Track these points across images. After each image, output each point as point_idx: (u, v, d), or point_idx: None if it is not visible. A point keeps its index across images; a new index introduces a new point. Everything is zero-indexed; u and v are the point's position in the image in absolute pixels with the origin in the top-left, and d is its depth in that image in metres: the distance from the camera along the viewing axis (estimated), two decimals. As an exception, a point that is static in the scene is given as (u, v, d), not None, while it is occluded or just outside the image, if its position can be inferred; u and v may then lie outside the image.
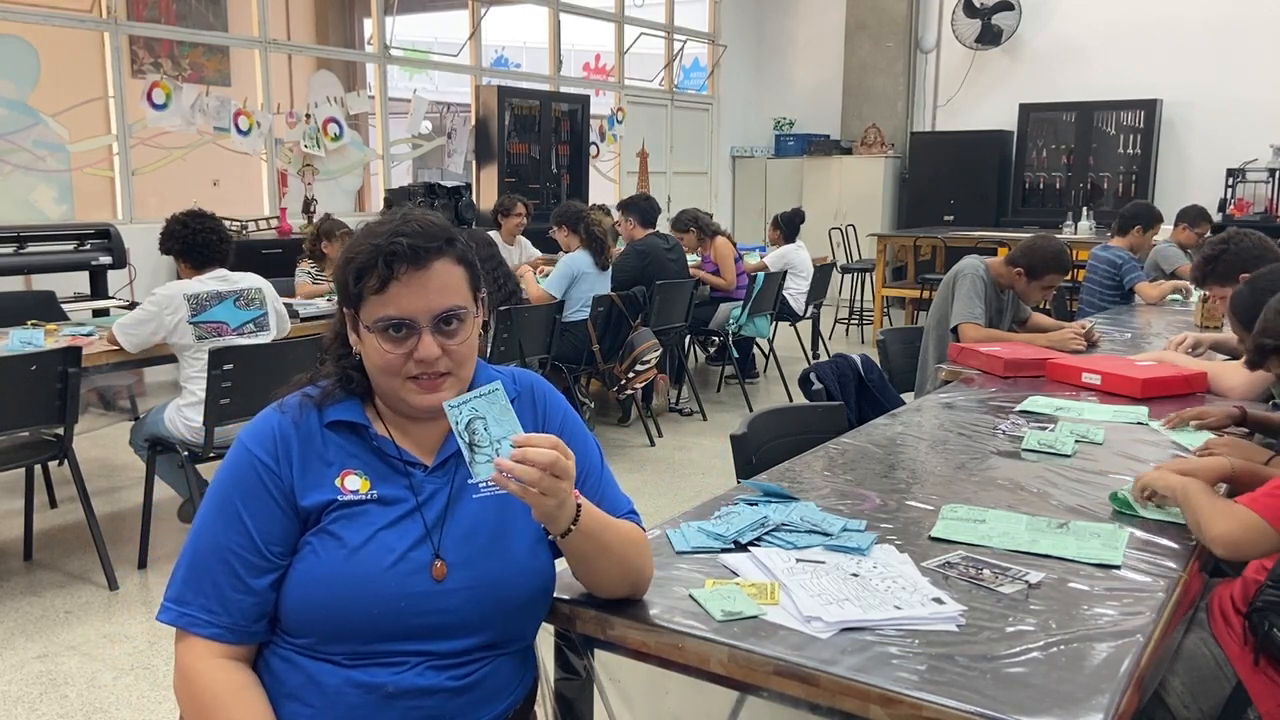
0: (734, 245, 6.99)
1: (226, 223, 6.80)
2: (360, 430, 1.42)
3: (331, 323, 1.49)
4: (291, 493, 1.37)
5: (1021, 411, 2.76)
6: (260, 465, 1.37)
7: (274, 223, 7.41)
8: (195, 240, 3.60)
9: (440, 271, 1.37)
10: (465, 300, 1.39)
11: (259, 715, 1.32)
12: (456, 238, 1.41)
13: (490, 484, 1.31)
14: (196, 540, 1.37)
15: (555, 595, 1.52)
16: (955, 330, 3.78)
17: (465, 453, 1.27)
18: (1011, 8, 10.20)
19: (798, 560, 1.63)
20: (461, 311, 1.38)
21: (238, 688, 1.33)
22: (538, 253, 6.89)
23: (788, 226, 7.38)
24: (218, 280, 3.64)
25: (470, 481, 1.42)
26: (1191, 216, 6.17)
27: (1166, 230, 6.38)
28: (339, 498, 1.37)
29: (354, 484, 1.39)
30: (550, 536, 1.42)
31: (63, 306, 4.93)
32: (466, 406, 1.28)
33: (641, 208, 6.13)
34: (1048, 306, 6.07)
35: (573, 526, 1.34)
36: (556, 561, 1.59)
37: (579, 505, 1.35)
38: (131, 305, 5.77)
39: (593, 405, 5.86)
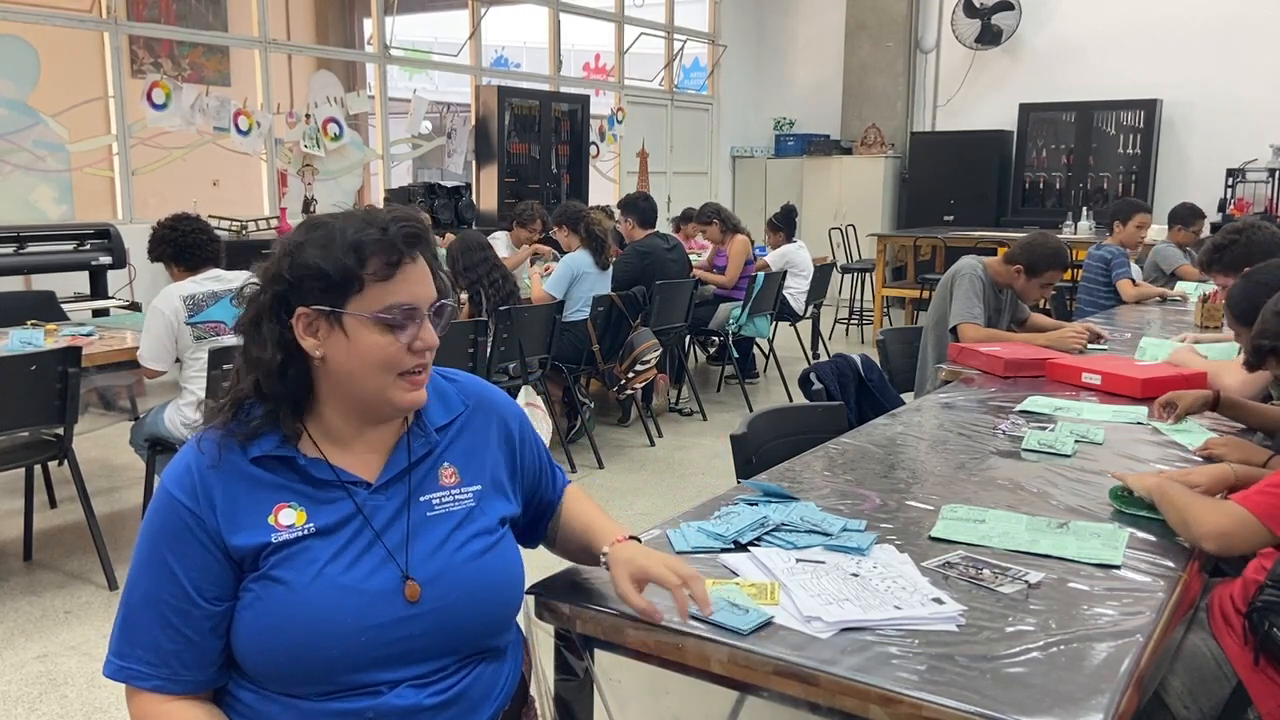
0: (752, 246, 7.00)
1: (226, 223, 6.88)
2: (289, 461, 1.33)
3: (242, 348, 1.35)
4: (219, 534, 1.29)
5: (1021, 411, 2.76)
6: (184, 510, 1.29)
7: (274, 223, 7.41)
8: (186, 243, 3.59)
9: (425, 261, 1.36)
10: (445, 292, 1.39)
11: None
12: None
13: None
14: (130, 591, 1.31)
15: (555, 597, 1.52)
16: (954, 330, 3.78)
17: (734, 617, 1.43)
18: (1011, 8, 10.20)
19: (798, 560, 1.63)
20: (449, 303, 1.38)
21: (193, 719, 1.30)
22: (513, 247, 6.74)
23: (785, 224, 7.39)
24: (213, 280, 3.63)
25: (423, 499, 1.38)
26: (1183, 216, 6.17)
27: (1163, 230, 6.39)
28: (274, 539, 1.30)
29: (289, 518, 1.31)
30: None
31: (63, 306, 4.93)
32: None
33: (641, 208, 6.14)
34: (1047, 307, 6.07)
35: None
36: (557, 563, 1.59)
37: (624, 539, 1.48)
38: (131, 305, 5.77)
39: (593, 405, 5.85)
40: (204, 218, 3.76)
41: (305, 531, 1.31)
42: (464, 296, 4.84)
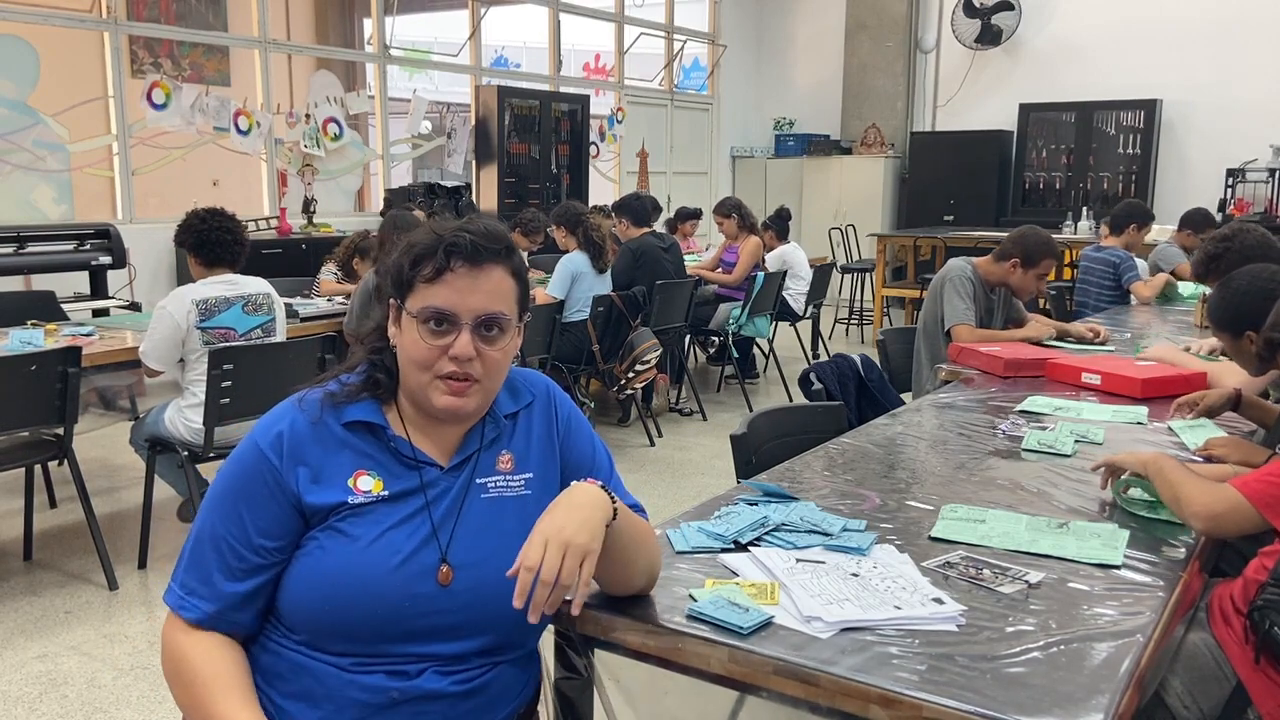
0: (764, 249, 7.00)
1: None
2: (377, 430, 1.42)
3: (375, 314, 1.50)
4: (295, 491, 1.37)
5: (1021, 411, 2.76)
6: (267, 464, 1.38)
7: (274, 223, 7.41)
8: (209, 237, 3.58)
9: (493, 276, 1.39)
10: (510, 311, 1.41)
11: (229, 671, 1.35)
12: (515, 250, 1.44)
13: (500, 486, 1.45)
14: (199, 527, 1.40)
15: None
16: (950, 334, 3.78)
17: None
18: (1011, 8, 10.20)
19: (798, 560, 1.63)
20: (504, 319, 1.40)
21: (213, 646, 1.36)
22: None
23: (779, 226, 7.40)
24: (225, 285, 3.62)
25: (479, 480, 1.44)
26: (1196, 222, 6.08)
27: (1164, 231, 6.38)
28: (350, 500, 1.38)
29: (366, 484, 1.40)
30: None
31: (63, 306, 4.93)
32: None
33: (633, 207, 6.14)
34: (1047, 306, 6.07)
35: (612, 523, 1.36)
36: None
37: (615, 507, 1.37)
38: (131, 305, 5.78)
39: (593, 405, 5.86)
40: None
41: (380, 497, 1.40)
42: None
